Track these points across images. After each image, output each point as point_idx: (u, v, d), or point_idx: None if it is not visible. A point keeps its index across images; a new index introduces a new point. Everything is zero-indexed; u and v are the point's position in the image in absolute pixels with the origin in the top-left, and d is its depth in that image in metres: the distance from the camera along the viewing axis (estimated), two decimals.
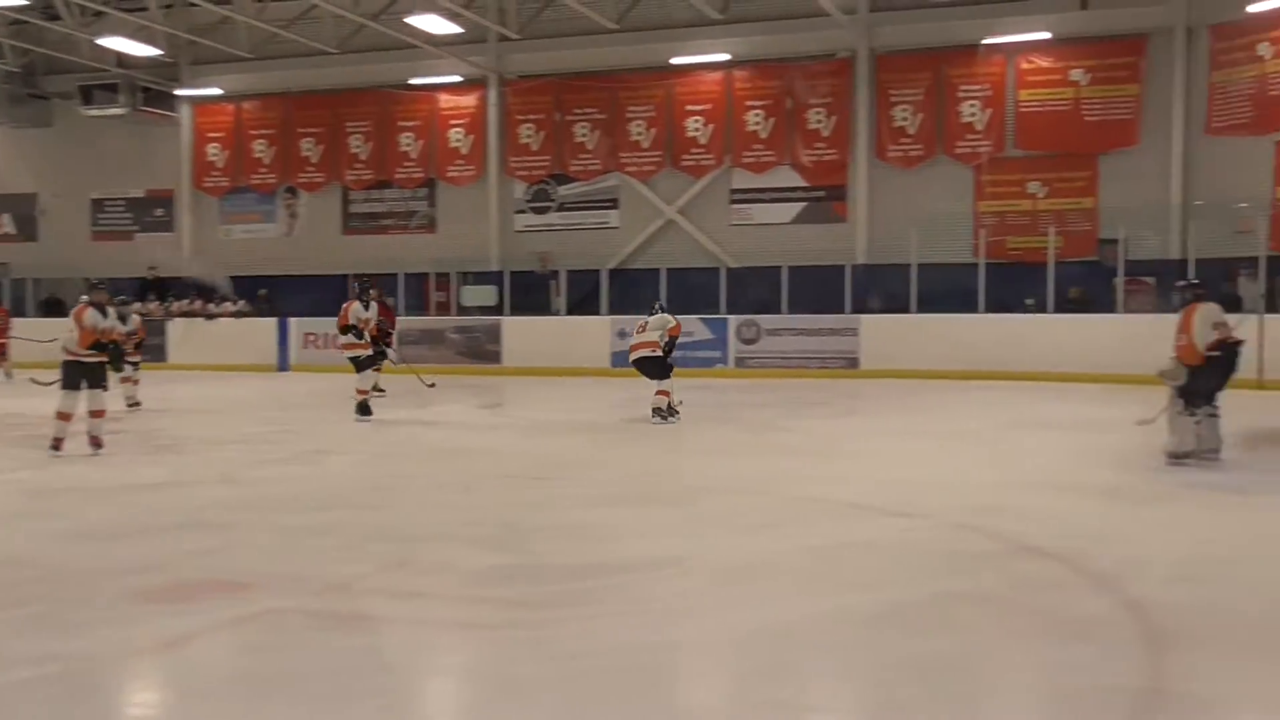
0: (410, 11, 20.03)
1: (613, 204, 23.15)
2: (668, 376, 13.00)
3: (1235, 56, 18.66)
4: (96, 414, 10.67)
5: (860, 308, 19.90)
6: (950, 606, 5.47)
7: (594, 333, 20.38)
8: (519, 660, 4.77)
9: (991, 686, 4.54)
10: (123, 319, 13.05)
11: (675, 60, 22.06)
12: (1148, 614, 5.31)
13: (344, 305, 14.06)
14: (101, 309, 10.68)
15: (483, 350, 21.71)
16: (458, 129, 23.95)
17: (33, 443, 11.69)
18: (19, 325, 23.13)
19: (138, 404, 14.94)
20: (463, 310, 22.85)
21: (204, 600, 5.76)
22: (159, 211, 26.29)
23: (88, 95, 24.09)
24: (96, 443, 10.63)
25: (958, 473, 9.42)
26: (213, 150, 25.68)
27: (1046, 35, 19.91)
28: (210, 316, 23.09)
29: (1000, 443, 11.40)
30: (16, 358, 19.82)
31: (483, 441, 12.03)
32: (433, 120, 24.10)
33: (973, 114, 20.54)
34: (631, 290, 21.52)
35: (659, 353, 13.08)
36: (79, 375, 10.46)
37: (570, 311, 22.09)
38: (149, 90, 24.36)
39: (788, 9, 20.69)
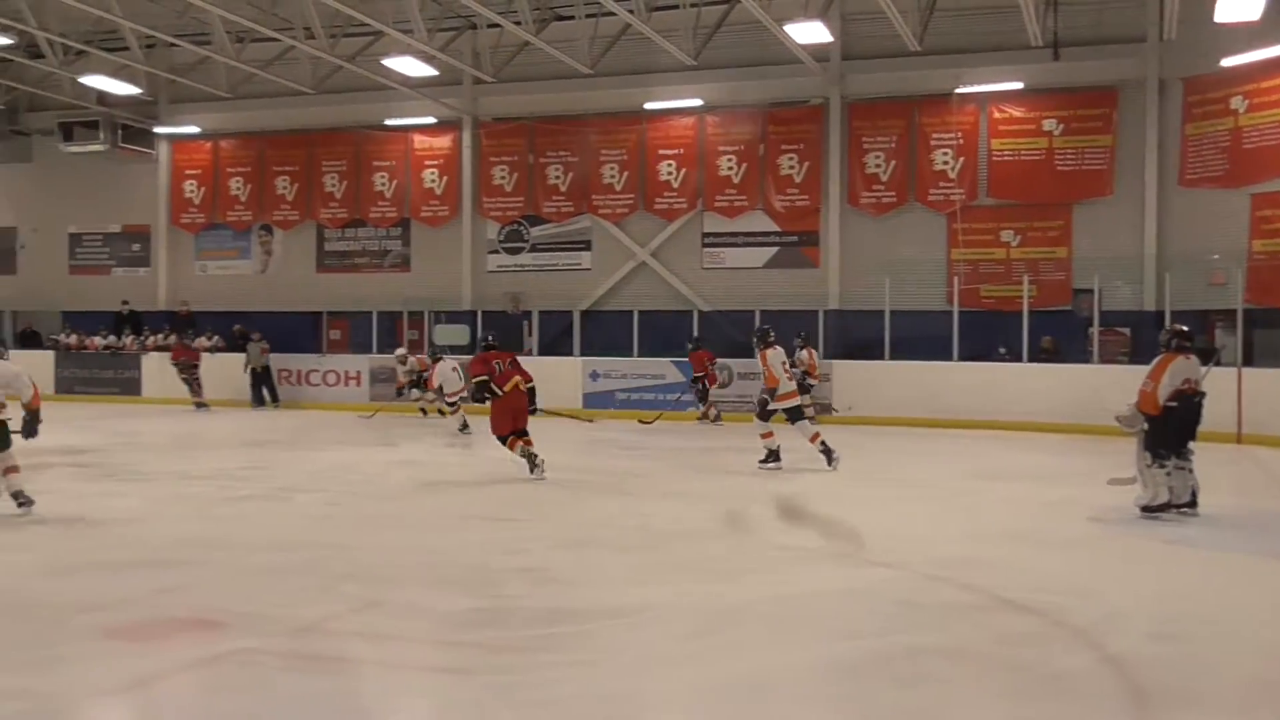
0: (387, 54, 20.06)
1: (585, 245, 23.15)
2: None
3: (1209, 109, 18.83)
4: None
5: (833, 353, 19.92)
6: (927, 659, 5.36)
7: (566, 373, 20.30)
8: (493, 708, 4.65)
9: None
10: None
11: (648, 105, 22.16)
12: (1130, 671, 5.20)
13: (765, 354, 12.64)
14: None
15: None
16: (432, 170, 23.96)
17: None
18: None
19: None
20: (436, 349, 22.73)
21: (173, 639, 5.65)
22: (136, 247, 26.16)
23: (68, 132, 24.06)
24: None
25: (930, 522, 9.36)
26: (189, 187, 25.61)
27: (1019, 85, 20.11)
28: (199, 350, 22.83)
29: (973, 493, 11.33)
30: None
31: (452, 481, 11.90)
32: (407, 161, 24.10)
33: (945, 162, 20.70)
34: (603, 331, 21.52)
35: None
36: None
37: (543, 352, 22.01)
38: (128, 127, 24.36)
39: (761, 56, 20.83)
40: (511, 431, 11.74)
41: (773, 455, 12.61)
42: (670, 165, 22.39)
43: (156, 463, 13.15)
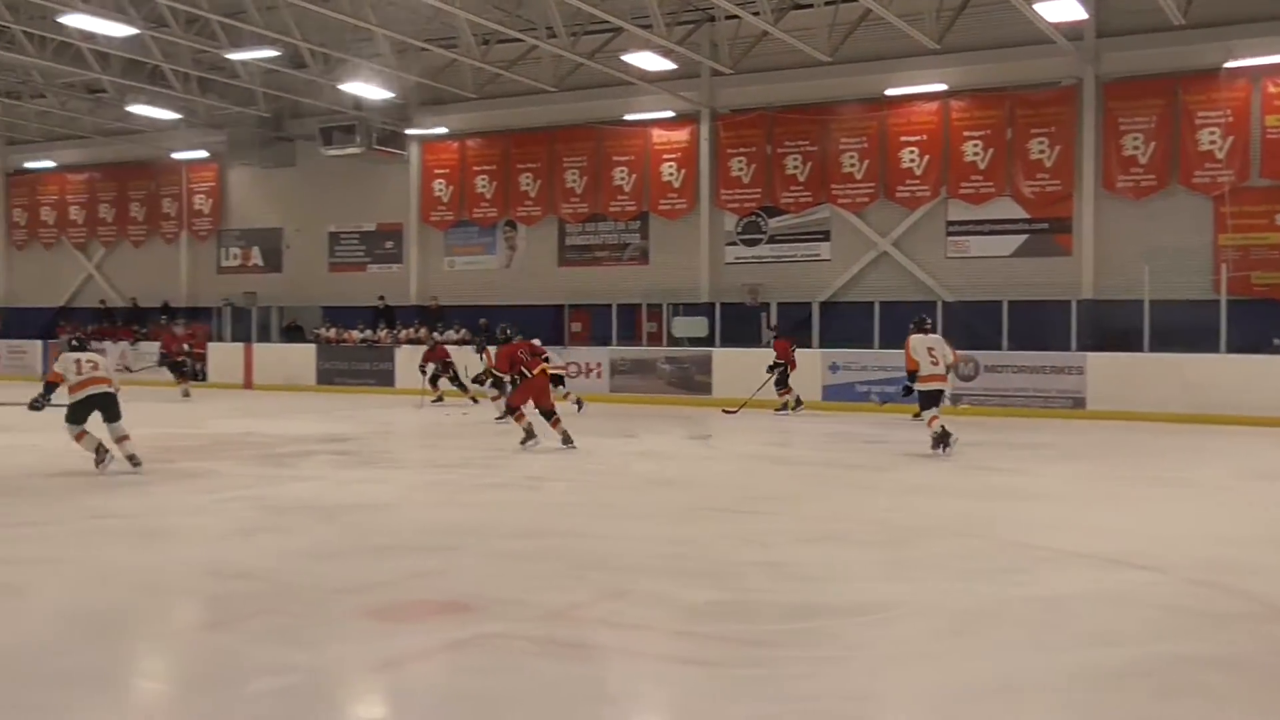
0: (626, 50, 20.39)
1: (824, 236, 22.93)
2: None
3: None
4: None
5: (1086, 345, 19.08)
6: (1201, 670, 5.04)
7: (805, 365, 20.16)
8: (739, 701, 4.66)
9: None
10: None
11: (890, 91, 21.74)
12: None
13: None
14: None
15: (693, 381, 21.78)
16: (670, 163, 24.20)
17: (267, 461, 12.33)
18: (261, 350, 24.84)
19: None
20: (673, 341, 23.00)
21: (427, 621, 5.89)
22: (389, 244, 27.51)
23: (328, 136, 25.39)
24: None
25: (1195, 524, 8.86)
26: (438, 186, 26.74)
27: None
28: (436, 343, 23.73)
29: (1243, 493, 10.67)
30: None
31: (693, 473, 12.01)
32: (646, 155, 24.42)
33: (1212, 142, 19.46)
34: (843, 323, 21.26)
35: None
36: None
37: None
38: (382, 130, 25.57)
39: (1009, 37, 20.11)
40: (521, 406, 13.87)
41: (940, 440, 12.82)
42: (913, 152, 21.91)
43: (409, 451, 13.79)
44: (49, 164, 32.10)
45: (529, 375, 13.90)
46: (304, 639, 5.49)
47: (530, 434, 13.69)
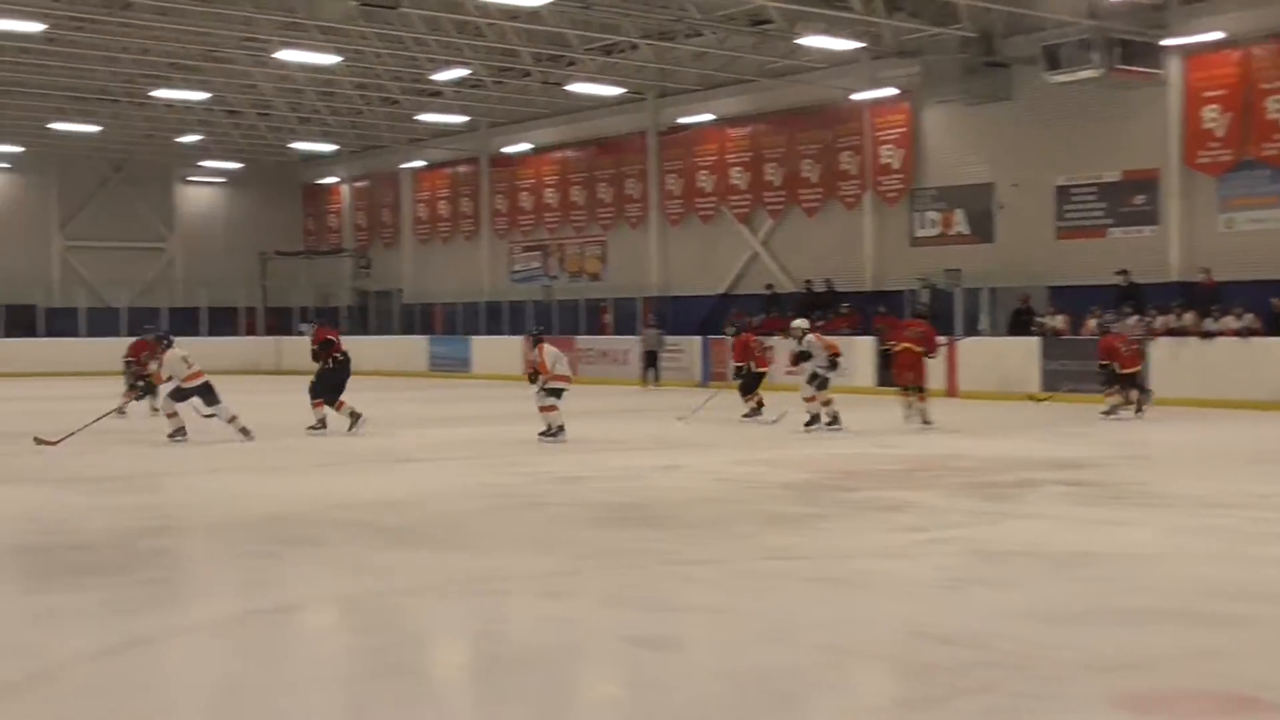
0: None
1: None
2: None
3: None
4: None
5: None
6: None
7: None
8: None
9: None
10: None
11: None
12: None
13: None
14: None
15: None
16: None
17: (978, 491, 12.70)
18: (969, 348, 25.52)
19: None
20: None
21: (1203, 717, 5.78)
22: (1138, 199, 26.93)
23: (1053, 58, 25.34)
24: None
25: None
26: (1210, 114, 25.77)
27: None
28: (1206, 335, 23.22)
29: None
30: None
31: None
32: None
33: None
34: None
35: None
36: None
37: None
38: (1127, 44, 24.98)
39: None
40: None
41: None
42: None
43: (1171, 483, 13.50)
44: (707, 117, 35.15)
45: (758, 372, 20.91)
46: None
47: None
